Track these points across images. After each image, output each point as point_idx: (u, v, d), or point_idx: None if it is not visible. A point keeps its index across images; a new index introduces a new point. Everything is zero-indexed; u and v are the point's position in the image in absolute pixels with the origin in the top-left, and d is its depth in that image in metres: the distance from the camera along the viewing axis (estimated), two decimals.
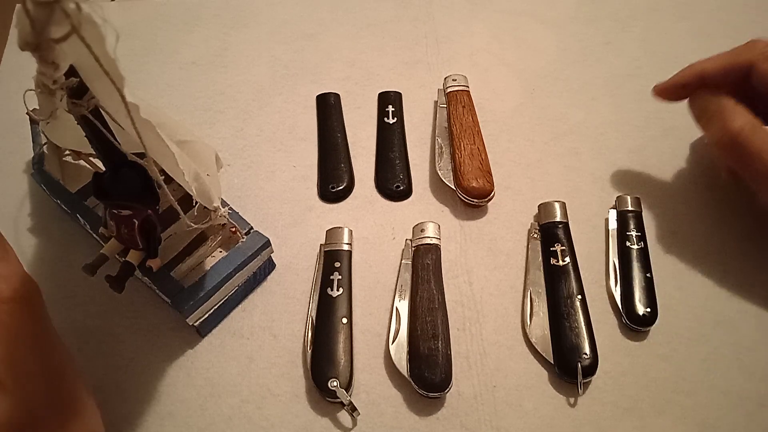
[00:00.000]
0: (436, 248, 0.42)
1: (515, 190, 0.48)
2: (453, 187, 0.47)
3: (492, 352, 0.40)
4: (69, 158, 0.46)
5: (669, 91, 0.47)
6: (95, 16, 0.23)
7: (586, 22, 0.62)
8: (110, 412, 0.38)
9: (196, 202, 0.38)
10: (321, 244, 0.44)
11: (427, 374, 0.37)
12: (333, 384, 0.37)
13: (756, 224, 0.46)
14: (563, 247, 0.43)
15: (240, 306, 0.42)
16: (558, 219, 0.44)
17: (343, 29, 0.61)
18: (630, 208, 0.45)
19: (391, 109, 0.53)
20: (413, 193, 0.49)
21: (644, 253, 0.43)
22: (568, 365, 0.38)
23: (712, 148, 0.44)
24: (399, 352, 0.39)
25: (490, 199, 0.46)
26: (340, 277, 0.42)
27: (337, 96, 0.55)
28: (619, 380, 0.39)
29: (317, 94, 0.55)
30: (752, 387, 0.39)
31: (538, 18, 0.62)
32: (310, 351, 0.39)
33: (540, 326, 0.40)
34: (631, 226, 0.44)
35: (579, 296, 0.41)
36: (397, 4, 0.63)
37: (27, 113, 0.38)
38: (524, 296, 0.42)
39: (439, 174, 0.48)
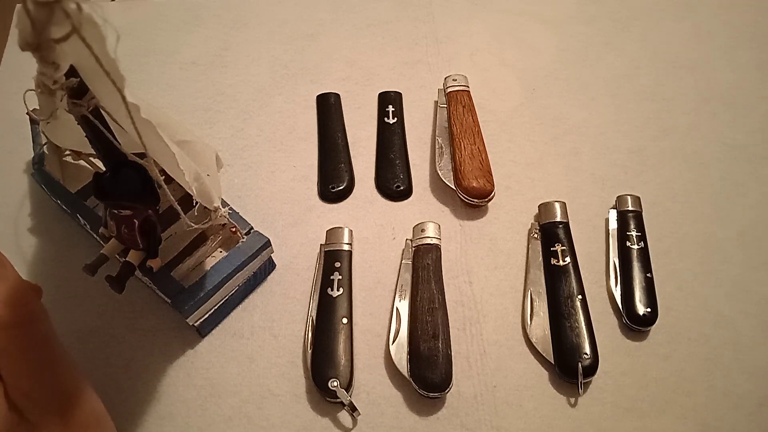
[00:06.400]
0: (436, 248, 0.42)
1: (515, 190, 0.48)
2: (453, 187, 0.47)
3: (492, 352, 0.40)
4: (69, 158, 0.46)
5: None
6: (95, 16, 0.23)
7: (586, 22, 0.62)
8: (110, 412, 0.38)
9: (197, 202, 0.38)
10: (321, 244, 0.44)
11: (427, 374, 0.37)
12: (333, 384, 0.37)
13: (755, 224, 0.47)
14: (563, 247, 0.43)
15: (240, 306, 0.42)
16: (558, 219, 0.44)
17: (343, 29, 0.61)
18: (630, 208, 0.45)
19: (391, 109, 0.53)
20: (413, 193, 0.49)
21: (644, 253, 0.43)
22: (569, 365, 0.38)
23: None
24: (399, 352, 0.39)
25: (490, 199, 0.46)
26: (340, 277, 0.42)
27: (337, 96, 0.55)
28: (619, 380, 0.39)
29: (317, 94, 0.55)
30: (752, 387, 0.39)
31: (538, 18, 0.62)
32: (310, 351, 0.39)
33: (540, 326, 0.40)
34: (631, 226, 0.44)
35: (579, 296, 0.41)
36: (397, 4, 0.63)
37: (27, 113, 0.38)
38: (524, 296, 0.42)
39: (440, 174, 0.48)
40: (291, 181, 0.49)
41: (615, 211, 0.46)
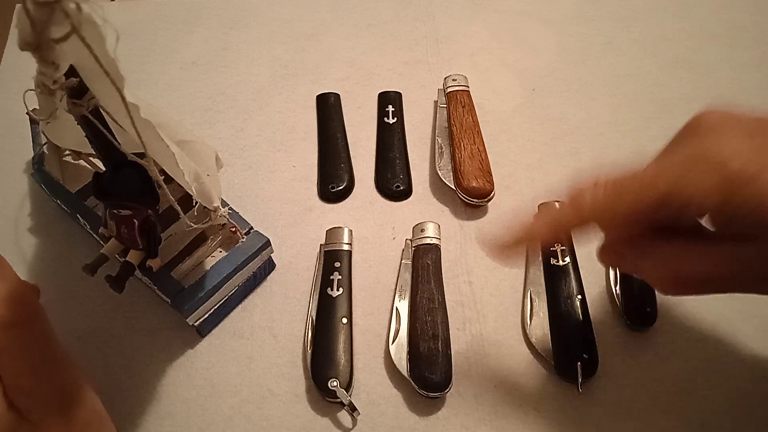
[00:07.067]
0: (436, 248, 0.42)
1: (515, 190, 0.48)
2: (453, 187, 0.47)
3: (492, 352, 0.40)
4: (69, 158, 0.46)
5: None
6: (95, 16, 0.23)
7: (586, 22, 0.62)
8: (110, 412, 0.38)
9: (196, 202, 0.38)
10: (321, 244, 0.44)
11: (427, 374, 0.37)
12: (333, 384, 0.37)
13: None
14: (563, 247, 0.43)
15: (240, 306, 0.42)
16: None
17: (343, 29, 0.61)
18: None
19: (391, 109, 0.53)
20: (413, 193, 0.49)
21: None
22: (568, 365, 0.38)
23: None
24: (399, 352, 0.39)
25: (490, 199, 0.46)
26: (340, 277, 0.42)
27: (337, 96, 0.55)
28: (619, 380, 0.39)
29: (317, 94, 0.55)
30: (752, 387, 0.39)
31: (538, 18, 0.62)
32: (310, 351, 0.39)
33: (540, 326, 0.40)
34: None
35: (579, 296, 0.41)
36: (397, 4, 0.63)
37: (27, 113, 0.38)
38: (524, 296, 0.42)
39: (439, 174, 0.48)
40: (291, 181, 0.49)
41: None
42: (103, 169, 0.34)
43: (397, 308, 0.41)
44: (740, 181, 0.24)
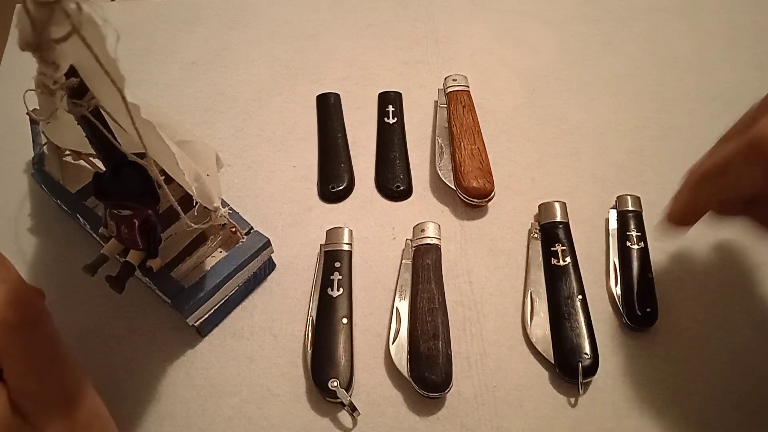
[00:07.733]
0: (436, 248, 0.42)
1: (515, 190, 0.48)
2: (453, 187, 0.47)
3: (492, 352, 0.40)
4: (69, 158, 0.46)
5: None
6: (95, 16, 0.23)
7: (586, 22, 0.62)
8: (110, 412, 0.38)
9: (197, 203, 0.38)
10: (321, 244, 0.44)
11: (427, 374, 0.37)
12: (333, 384, 0.37)
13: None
14: (564, 247, 0.43)
15: (240, 306, 0.42)
16: (558, 219, 0.44)
17: (343, 29, 0.61)
18: (630, 208, 0.45)
19: (391, 109, 0.53)
20: (413, 193, 0.49)
21: (644, 253, 0.43)
22: (569, 365, 0.38)
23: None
24: (399, 352, 0.39)
25: (490, 199, 0.46)
26: (340, 277, 0.42)
27: (337, 96, 0.55)
28: (620, 380, 0.39)
29: (317, 94, 0.55)
30: (752, 387, 0.39)
31: (538, 18, 0.62)
32: (310, 351, 0.39)
33: (540, 326, 0.40)
34: (632, 226, 0.44)
35: (579, 296, 0.41)
36: (397, 4, 0.63)
37: (27, 113, 0.38)
38: (525, 296, 0.42)
39: (440, 174, 0.48)
40: (291, 181, 0.49)
41: (615, 211, 0.46)
42: (103, 169, 0.34)
43: (397, 308, 0.41)
44: None
